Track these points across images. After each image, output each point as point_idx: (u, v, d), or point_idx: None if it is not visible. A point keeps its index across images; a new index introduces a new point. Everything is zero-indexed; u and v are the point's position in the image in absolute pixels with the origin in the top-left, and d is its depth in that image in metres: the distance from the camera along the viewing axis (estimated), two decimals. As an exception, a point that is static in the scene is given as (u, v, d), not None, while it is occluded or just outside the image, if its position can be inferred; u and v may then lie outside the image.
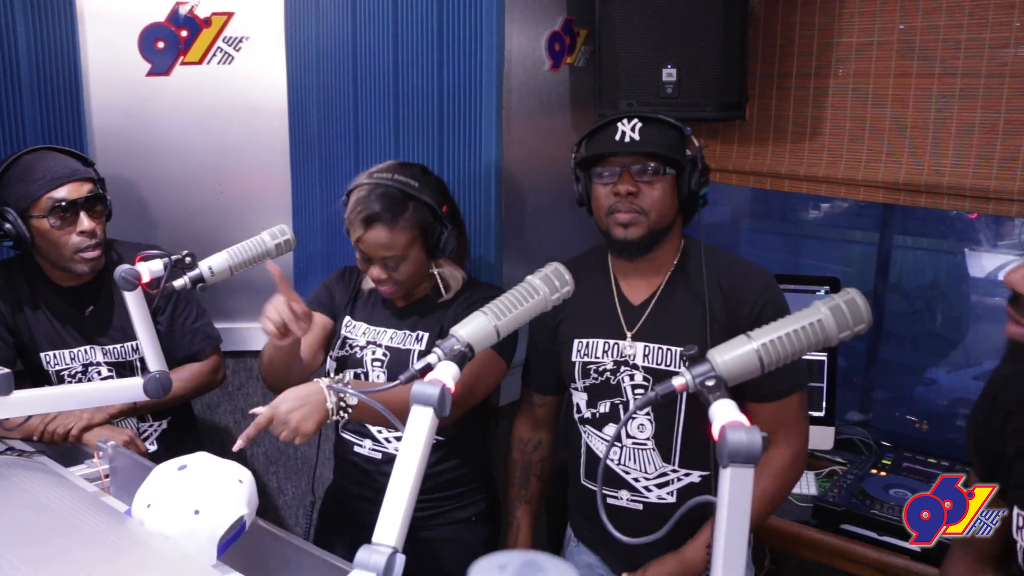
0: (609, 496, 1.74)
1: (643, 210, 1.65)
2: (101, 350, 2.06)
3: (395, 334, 1.91)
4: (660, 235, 1.68)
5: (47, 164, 1.92)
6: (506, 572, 0.54)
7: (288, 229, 1.68)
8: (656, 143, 1.64)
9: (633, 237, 1.66)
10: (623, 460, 1.72)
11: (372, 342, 1.91)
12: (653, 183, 1.65)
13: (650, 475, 1.71)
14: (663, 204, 1.66)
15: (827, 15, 2.20)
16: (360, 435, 1.94)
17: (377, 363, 1.90)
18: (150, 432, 2.14)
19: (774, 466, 1.66)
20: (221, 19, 2.33)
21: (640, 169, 1.64)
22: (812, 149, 2.29)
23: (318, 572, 1.30)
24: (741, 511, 0.94)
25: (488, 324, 1.22)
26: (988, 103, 2.01)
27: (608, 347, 1.74)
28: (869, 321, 1.10)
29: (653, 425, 1.69)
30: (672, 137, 1.67)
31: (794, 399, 1.67)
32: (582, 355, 1.76)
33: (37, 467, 1.50)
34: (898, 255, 2.89)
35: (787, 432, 1.67)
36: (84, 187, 1.93)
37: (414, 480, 1.03)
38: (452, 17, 2.09)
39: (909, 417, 2.76)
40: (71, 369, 2.04)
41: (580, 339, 1.77)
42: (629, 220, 1.65)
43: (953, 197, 2.10)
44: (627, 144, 1.64)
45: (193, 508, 1.22)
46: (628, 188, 1.64)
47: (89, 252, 1.94)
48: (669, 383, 1.07)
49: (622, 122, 1.67)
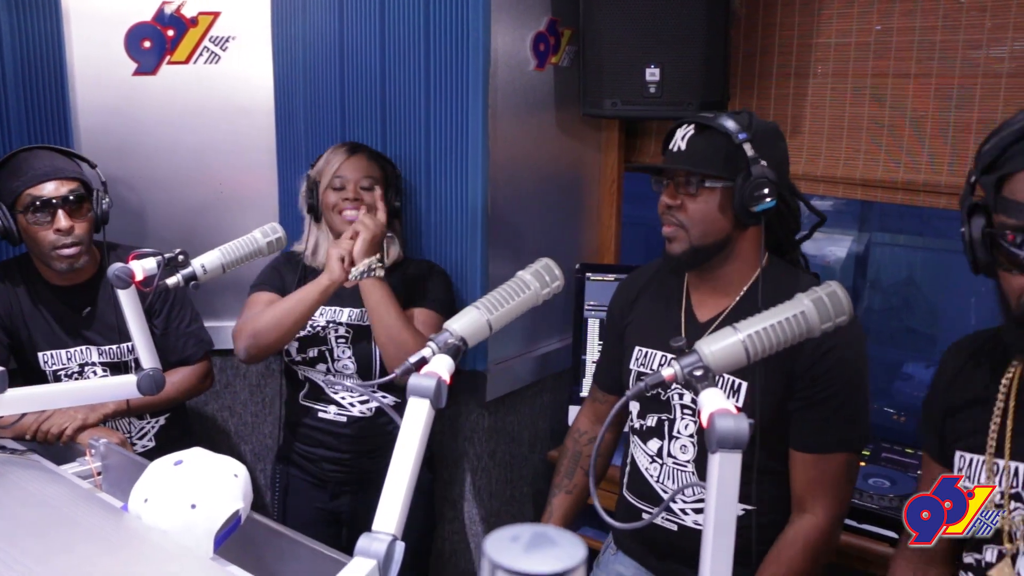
0: (645, 512, 1.68)
1: (683, 224, 1.55)
2: (97, 350, 2.08)
3: (352, 311, 2.07)
4: (709, 252, 1.57)
5: (34, 162, 1.95)
6: (518, 543, 0.57)
7: (279, 227, 1.70)
8: (698, 154, 1.53)
9: (674, 252, 1.58)
10: (662, 479, 1.66)
11: (332, 321, 2.07)
12: (696, 197, 1.54)
13: (688, 498, 1.63)
14: (706, 219, 1.54)
15: (807, 16, 2.24)
16: (324, 401, 2.11)
17: (342, 340, 2.07)
18: (148, 429, 2.16)
19: (803, 538, 1.53)
20: (208, 19, 2.34)
21: (683, 182, 1.55)
22: (792, 147, 2.30)
23: (314, 563, 1.32)
24: (729, 494, 0.97)
25: (481, 318, 1.24)
26: (962, 103, 2.06)
27: (665, 360, 1.65)
28: (850, 313, 1.14)
29: (695, 448, 1.61)
30: (722, 145, 1.51)
31: (840, 458, 1.53)
32: (639, 364, 1.70)
33: (31, 465, 1.50)
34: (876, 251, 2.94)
35: (823, 494, 1.53)
36: (66, 186, 1.95)
37: (412, 470, 1.06)
38: (438, 17, 2.11)
39: (887, 410, 2.82)
40: (68, 369, 2.07)
41: (640, 347, 1.70)
42: (671, 234, 1.57)
43: (929, 194, 2.15)
44: (674, 155, 1.56)
45: (189, 502, 1.23)
46: (668, 201, 1.57)
47: (65, 250, 1.96)
48: (659, 374, 1.11)
49: (681, 127, 1.57)
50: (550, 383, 2.54)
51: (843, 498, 1.56)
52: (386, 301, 1.94)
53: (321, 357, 2.08)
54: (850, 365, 1.52)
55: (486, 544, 0.58)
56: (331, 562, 1.28)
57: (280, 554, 1.36)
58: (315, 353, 2.08)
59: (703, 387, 1.06)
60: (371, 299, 1.95)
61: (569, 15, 2.30)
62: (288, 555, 1.36)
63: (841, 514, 1.56)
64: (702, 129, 1.54)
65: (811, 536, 1.53)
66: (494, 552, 0.58)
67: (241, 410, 2.65)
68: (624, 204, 2.63)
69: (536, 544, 0.58)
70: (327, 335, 2.07)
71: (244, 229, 1.71)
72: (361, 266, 1.93)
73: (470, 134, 2.13)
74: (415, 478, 1.06)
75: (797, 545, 1.53)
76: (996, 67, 2.00)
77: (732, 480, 0.98)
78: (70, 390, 1.75)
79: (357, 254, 1.93)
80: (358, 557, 0.98)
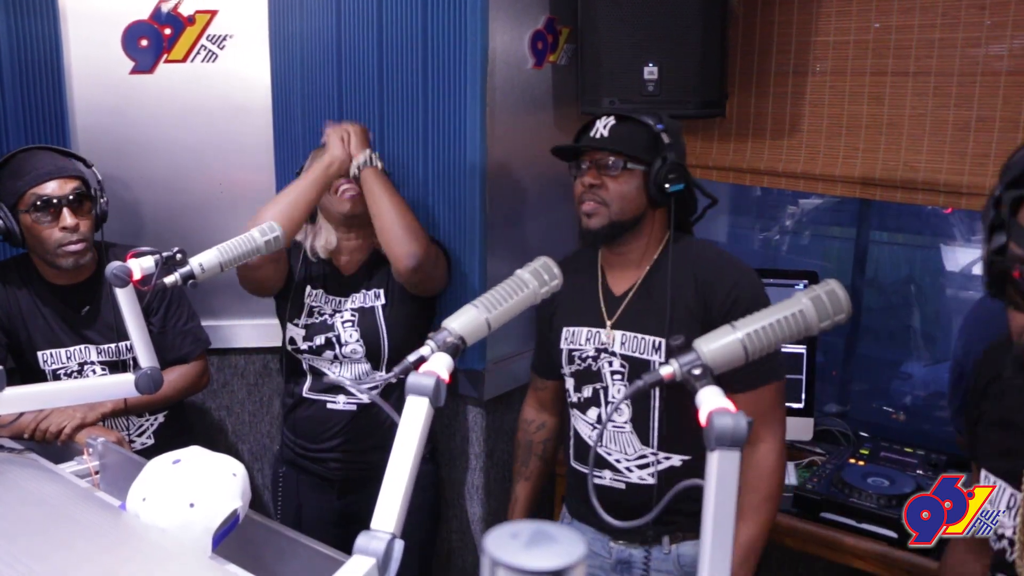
0: (595, 476, 1.80)
1: (604, 201, 1.73)
2: (96, 349, 2.08)
3: (355, 296, 2.11)
4: (624, 227, 1.76)
5: (35, 162, 1.97)
6: (519, 540, 0.57)
7: (277, 226, 1.69)
8: (622, 140, 1.73)
9: (594, 226, 1.75)
10: (605, 442, 1.81)
11: (338, 310, 2.10)
12: (617, 177, 1.73)
13: (630, 456, 1.78)
14: (626, 197, 1.73)
15: (805, 14, 2.24)
16: (331, 392, 2.11)
17: (348, 323, 2.09)
18: (146, 426, 2.16)
19: (765, 465, 1.72)
20: (205, 17, 2.34)
21: (603, 163, 1.74)
22: (790, 145, 2.33)
23: (311, 562, 1.32)
24: (728, 493, 0.97)
25: (479, 316, 1.24)
26: (961, 101, 2.06)
27: (591, 335, 1.82)
28: (849, 311, 1.13)
29: (630, 409, 1.77)
30: (643, 135, 1.74)
31: (770, 390, 1.72)
32: (568, 342, 1.85)
33: (29, 463, 1.50)
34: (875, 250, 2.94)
35: (768, 424, 1.72)
36: (69, 185, 1.97)
37: (411, 468, 1.06)
38: (436, 16, 2.11)
39: (886, 408, 2.82)
40: (67, 368, 2.07)
41: (568, 327, 1.86)
42: (591, 210, 1.75)
43: (927, 192, 2.16)
44: (596, 140, 1.75)
45: (188, 501, 1.24)
46: (591, 180, 1.74)
47: (71, 246, 1.98)
48: (657, 372, 1.10)
49: (600, 120, 1.77)
50: (548, 382, 2.54)
51: (783, 421, 1.76)
52: (387, 189, 2.01)
53: (328, 344, 2.08)
54: (758, 301, 1.64)
55: (487, 541, 0.58)
56: (329, 561, 1.29)
57: (278, 553, 1.36)
58: (322, 340, 2.08)
59: (701, 385, 1.06)
60: (375, 187, 1.99)
61: (567, 13, 2.30)
62: (287, 554, 1.36)
63: (783, 437, 1.76)
64: (623, 120, 1.75)
65: (771, 460, 1.72)
66: (495, 549, 0.58)
67: (239, 409, 2.65)
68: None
69: (536, 541, 0.58)
70: (333, 322, 2.08)
71: (242, 228, 1.70)
72: (361, 157, 2.00)
73: (468, 132, 2.13)
74: (414, 476, 1.06)
75: (764, 471, 1.71)
76: (995, 65, 2.00)
77: (731, 478, 0.97)
78: (68, 389, 1.76)
79: (354, 147, 2.02)
80: (357, 555, 0.98)
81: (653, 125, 1.74)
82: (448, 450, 2.40)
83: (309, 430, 2.14)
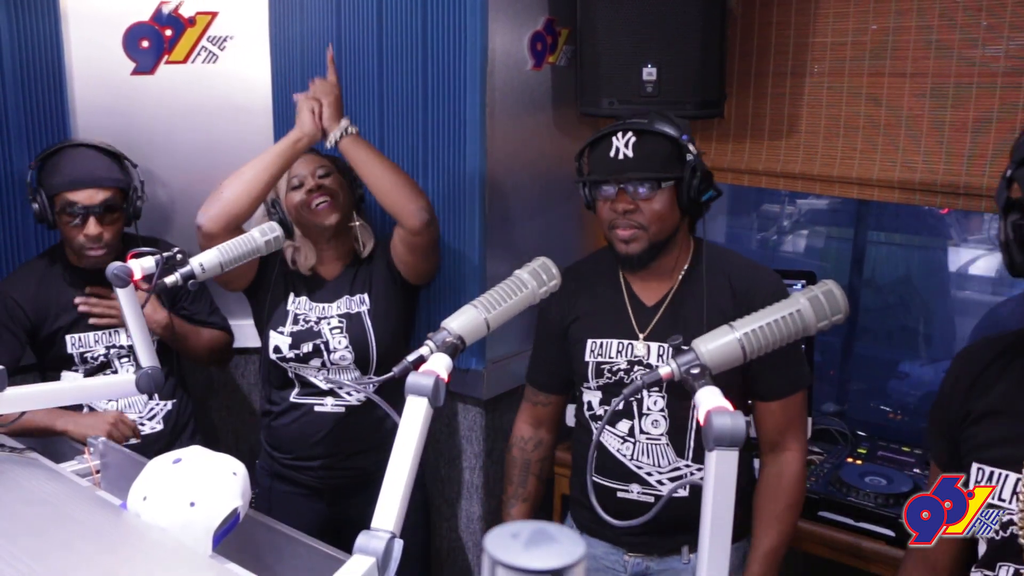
0: (619, 489, 1.75)
1: (642, 225, 1.66)
2: (125, 333, 2.12)
3: (340, 303, 2.07)
4: (662, 246, 1.70)
5: (75, 164, 2.04)
6: (519, 539, 0.57)
7: (277, 226, 1.70)
8: (650, 159, 1.64)
9: (634, 252, 1.68)
10: (635, 455, 1.74)
11: (323, 316, 2.06)
12: (651, 198, 1.65)
13: (663, 469, 1.73)
14: (663, 217, 1.67)
15: (803, 15, 2.25)
16: (319, 395, 2.06)
17: (336, 330, 2.04)
18: (157, 411, 2.18)
19: (789, 473, 1.71)
20: (205, 18, 2.35)
21: (636, 187, 1.65)
22: (788, 146, 2.33)
23: (312, 561, 1.32)
24: (727, 492, 0.98)
25: (479, 317, 1.25)
26: (958, 102, 2.06)
27: (622, 347, 1.75)
28: (846, 311, 1.14)
29: (667, 421, 1.71)
30: (667, 148, 1.65)
31: (799, 397, 1.71)
32: (595, 355, 1.77)
33: (30, 463, 1.50)
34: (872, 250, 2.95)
35: (794, 432, 1.71)
36: (99, 195, 2.03)
37: (411, 468, 1.06)
38: (436, 17, 2.12)
39: (883, 408, 2.83)
40: (94, 352, 2.13)
41: (594, 339, 1.78)
42: (629, 236, 1.67)
43: (925, 193, 2.16)
44: (621, 163, 1.64)
45: (189, 500, 1.24)
46: (625, 207, 1.65)
47: (92, 252, 2.05)
48: (655, 371, 1.11)
49: (616, 136, 1.65)
50: (547, 382, 2.55)
51: (806, 427, 1.78)
52: (373, 153, 1.95)
53: (316, 351, 2.03)
54: None
55: (487, 541, 0.59)
56: (329, 560, 1.29)
57: (278, 552, 1.37)
58: (309, 348, 2.03)
59: (700, 385, 1.07)
60: (360, 155, 1.93)
61: (566, 14, 2.31)
62: (287, 553, 1.36)
63: (807, 442, 1.77)
64: (642, 134, 1.65)
65: (795, 468, 1.71)
66: (494, 549, 0.59)
67: (240, 408, 2.65)
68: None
69: (536, 541, 0.58)
70: (320, 328, 2.04)
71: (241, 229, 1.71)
72: (336, 130, 1.92)
73: (468, 133, 2.13)
74: (414, 476, 1.07)
75: (789, 479, 1.70)
76: (992, 66, 2.00)
77: (729, 478, 0.98)
78: (70, 388, 1.77)
79: (327, 120, 1.92)
80: (357, 555, 0.98)
81: (678, 136, 1.65)
82: (448, 450, 2.41)
83: (294, 438, 2.09)
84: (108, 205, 2.03)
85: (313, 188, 2.01)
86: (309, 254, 2.07)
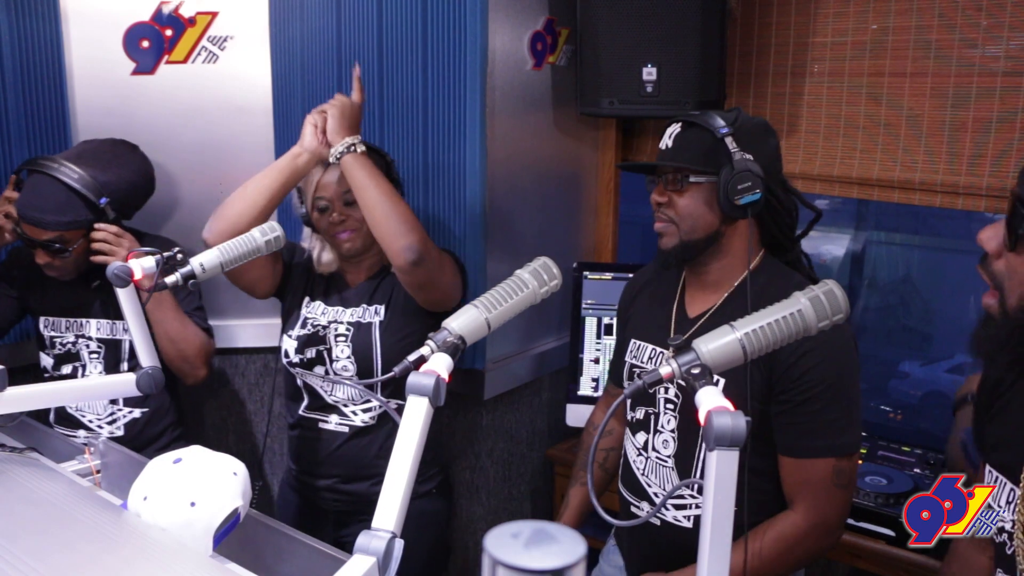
0: (633, 504, 1.70)
1: (673, 219, 1.59)
2: (95, 324, 2.13)
3: (354, 311, 2.00)
4: (698, 247, 1.59)
5: (32, 194, 1.98)
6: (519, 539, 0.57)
7: (278, 226, 1.70)
8: (682, 150, 1.57)
9: (666, 247, 1.61)
10: (646, 472, 1.67)
11: (334, 320, 1.99)
12: (683, 192, 1.57)
13: None
14: (694, 214, 1.57)
15: (803, 15, 2.25)
16: (324, 411, 1.99)
17: (341, 338, 1.97)
18: (119, 416, 2.16)
19: (779, 529, 1.53)
20: (206, 18, 2.34)
21: (671, 179, 1.58)
22: (789, 146, 2.34)
23: (312, 561, 1.32)
24: (727, 492, 0.98)
25: (479, 316, 1.25)
26: (957, 102, 2.07)
27: (654, 354, 1.69)
28: (847, 311, 1.14)
29: (676, 444, 1.62)
30: (707, 142, 1.54)
31: (824, 463, 1.50)
32: (633, 356, 1.74)
33: (30, 463, 1.50)
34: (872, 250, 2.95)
35: (805, 497, 1.52)
36: (45, 234, 1.98)
37: (411, 466, 1.06)
38: (436, 17, 2.12)
39: (884, 408, 2.83)
40: (63, 338, 2.14)
41: (635, 340, 1.74)
42: (661, 229, 1.61)
43: (925, 193, 2.16)
44: (663, 153, 1.60)
45: (189, 500, 1.24)
46: (658, 198, 1.60)
47: (49, 272, 2.05)
48: (656, 371, 1.11)
49: (671, 126, 1.60)
50: (548, 381, 2.55)
51: (830, 502, 1.51)
52: (371, 179, 1.83)
53: (319, 358, 1.98)
54: (832, 368, 1.49)
55: (487, 541, 0.59)
56: (330, 560, 1.29)
57: (279, 552, 1.36)
58: (313, 354, 1.99)
59: (701, 385, 1.07)
60: (356, 176, 1.83)
61: (566, 14, 2.31)
62: (287, 553, 1.36)
63: (826, 520, 1.52)
64: (688, 126, 1.57)
65: (785, 529, 1.53)
66: (495, 548, 0.59)
67: (239, 408, 2.65)
68: (621, 202, 2.65)
69: (536, 541, 0.58)
70: (326, 334, 1.99)
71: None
72: (339, 145, 1.84)
73: (468, 133, 2.13)
74: (414, 475, 1.07)
75: (770, 533, 1.53)
76: (992, 66, 2.01)
77: (729, 478, 0.98)
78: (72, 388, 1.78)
79: (331, 133, 1.84)
80: (357, 554, 0.98)
81: (718, 129, 1.52)
82: (448, 450, 2.41)
83: (303, 455, 2.05)
84: (55, 242, 1.98)
85: (337, 221, 1.93)
86: (330, 254, 2.03)
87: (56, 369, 2.16)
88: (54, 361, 2.15)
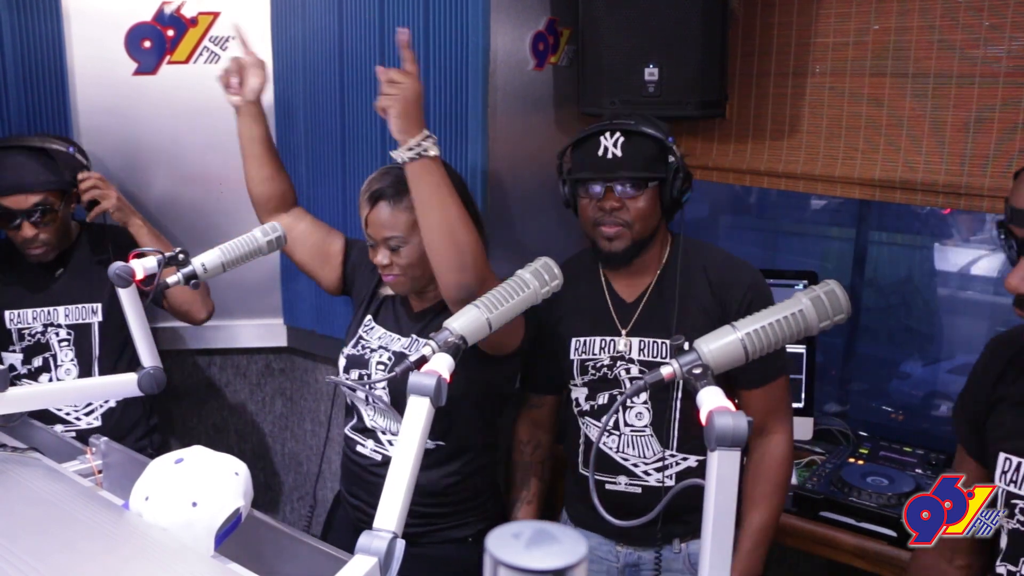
0: (607, 482, 1.80)
1: (627, 223, 1.72)
2: (64, 311, 2.15)
3: (407, 341, 1.84)
4: (646, 243, 1.76)
5: (2, 169, 2.00)
6: (520, 539, 0.57)
7: (279, 227, 1.70)
8: (638, 160, 1.70)
9: (618, 249, 1.73)
10: (621, 447, 1.80)
11: (383, 347, 1.85)
12: (637, 197, 1.71)
13: (649, 460, 1.78)
14: (647, 215, 1.73)
15: (804, 16, 2.25)
16: (364, 434, 1.86)
17: (381, 366, 1.82)
18: (95, 407, 2.17)
19: (775, 455, 1.76)
20: (207, 19, 2.35)
21: (623, 188, 1.71)
22: (790, 146, 2.33)
23: (313, 561, 1.32)
24: (729, 492, 0.98)
25: (480, 317, 1.25)
26: (959, 102, 2.06)
27: (604, 344, 1.81)
28: (848, 311, 1.14)
29: (651, 413, 1.77)
30: (654, 149, 1.72)
31: (780, 383, 1.77)
32: (580, 353, 1.83)
33: (32, 463, 1.51)
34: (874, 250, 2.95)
35: (778, 416, 1.77)
36: (29, 199, 2.01)
37: (412, 468, 1.06)
38: (438, 17, 2.11)
39: (885, 408, 2.83)
40: (31, 328, 2.15)
41: (578, 338, 1.83)
42: (614, 234, 1.72)
43: (926, 193, 2.16)
44: (610, 161, 1.70)
45: (191, 500, 1.24)
46: (613, 204, 1.71)
47: (33, 251, 2.07)
48: (658, 372, 1.11)
49: (604, 136, 1.70)
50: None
51: (791, 412, 1.81)
52: (437, 195, 1.55)
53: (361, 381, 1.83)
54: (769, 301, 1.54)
55: (488, 541, 0.59)
56: (332, 560, 1.29)
57: (280, 552, 1.37)
58: (355, 376, 1.85)
59: (702, 385, 1.07)
60: (418, 190, 1.56)
61: (568, 15, 2.31)
62: (288, 553, 1.36)
63: (792, 426, 1.81)
64: (630, 135, 1.70)
65: (782, 450, 1.77)
66: (496, 549, 0.59)
67: (241, 409, 2.65)
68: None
69: (538, 541, 0.59)
70: (370, 359, 1.84)
71: (244, 228, 1.71)
72: (403, 149, 1.54)
73: (470, 134, 2.13)
74: (415, 475, 1.07)
75: (775, 460, 1.76)
76: (993, 66, 2.00)
77: (730, 478, 0.98)
78: (73, 388, 1.78)
79: (396, 133, 1.55)
80: (359, 555, 0.98)
81: (664, 137, 1.72)
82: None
83: (344, 472, 1.96)
84: (41, 209, 2.03)
85: (385, 264, 1.76)
86: None
87: (26, 364, 2.16)
88: (23, 356, 2.15)
